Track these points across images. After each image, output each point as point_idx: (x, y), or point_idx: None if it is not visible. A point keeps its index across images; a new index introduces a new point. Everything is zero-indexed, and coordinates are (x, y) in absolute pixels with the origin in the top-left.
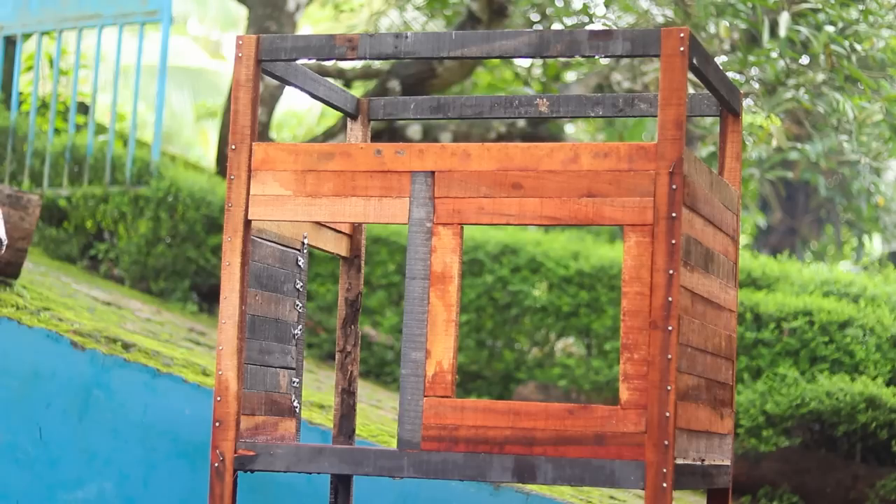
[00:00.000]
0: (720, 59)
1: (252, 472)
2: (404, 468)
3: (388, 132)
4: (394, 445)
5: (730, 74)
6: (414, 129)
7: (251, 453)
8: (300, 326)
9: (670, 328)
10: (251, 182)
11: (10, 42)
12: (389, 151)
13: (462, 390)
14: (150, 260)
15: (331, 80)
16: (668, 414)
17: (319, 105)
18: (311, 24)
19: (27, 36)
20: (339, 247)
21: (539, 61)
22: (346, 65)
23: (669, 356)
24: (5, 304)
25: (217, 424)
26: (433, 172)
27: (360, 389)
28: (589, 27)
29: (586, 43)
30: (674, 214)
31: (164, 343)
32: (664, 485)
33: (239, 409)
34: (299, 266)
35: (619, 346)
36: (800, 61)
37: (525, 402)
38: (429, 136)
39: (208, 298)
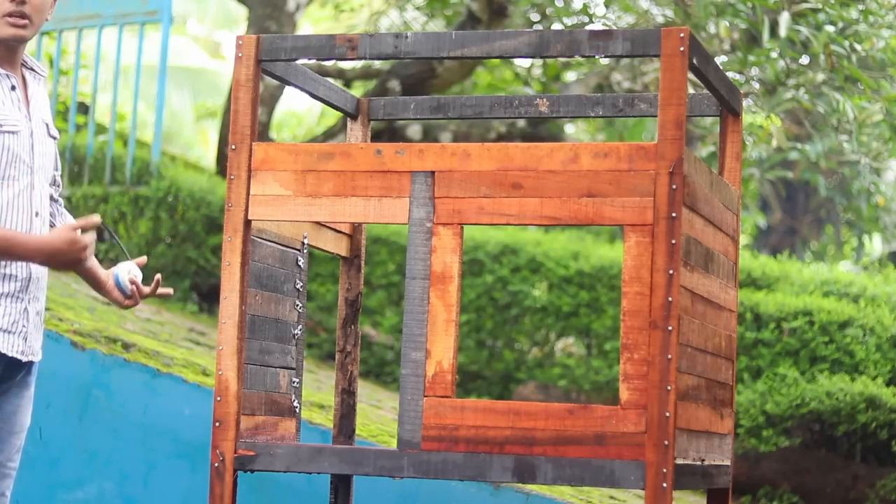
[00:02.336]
0: (720, 59)
1: (252, 472)
2: (404, 468)
3: (388, 132)
4: (394, 445)
5: (730, 74)
6: (414, 129)
7: (251, 453)
8: (300, 326)
9: (670, 328)
10: (251, 182)
11: None
12: (389, 151)
13: (462, 390)
14: (150, 260)
15: (331, 80)
16: (668, 414)
17: (319, 105)
18: (311, 24)
19: None
20: (339, 247)
21: (539, 61)
22: (346, 65)
23: (669, 356)
24: None
25: (217, 424)
26: (433, 172)
27: (360, 389)
28: (589, 27)
29: (586, 43)
30: (674, 214)
31: (164, 343)
32: (664, 485)
33: (239, 409)
34: (299, 266)
35: (619, 346)
36: (800, 61)
37: (525, 402)
38: (429, 136)
39: (208, 298)
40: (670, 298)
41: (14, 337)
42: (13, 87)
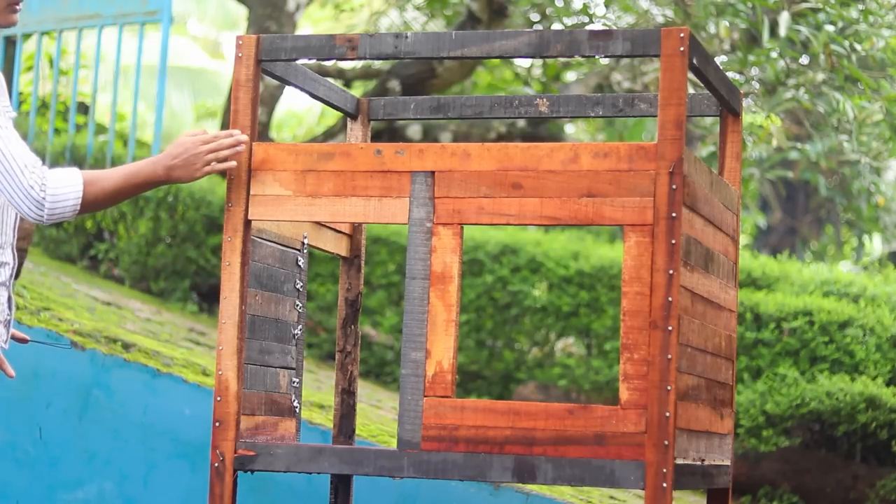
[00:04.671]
0: (720, 59)
1: (252, 472)
2: (404, 468)
3: (388, 132)
4: (394, 445)
5: (730, 74)
6: (414, 129)
7: (251, 453)
8: (300, 326)
9: (670, 328)
10: (251, 182)
11: (10, 42)
12: (389, 151)
13: (462, 390)
14: (150, 260)
15: (331, 80)
16: (668, 414)
17: (319, 105)
18: (311, 24)
19: (27, 36)
20: (339, 247)
21: (539, 61)
22: (346, 65)
23: (669, 356)
24: None
25: (217, 424)
26: (433, 172)
27: (360, 389)
28: (589, 27)
29: (586, 43)
30: (674, 214)
31: (164, 343)
32: (664, 485)
33: (239, 409)
34: (299, 266)
35: (619, 346)
36: (800, 61)
37: (525, 402)
38: (429, 136)
39: (208, 298)
40: (670, 298)
41: (3, 328)
42: None
